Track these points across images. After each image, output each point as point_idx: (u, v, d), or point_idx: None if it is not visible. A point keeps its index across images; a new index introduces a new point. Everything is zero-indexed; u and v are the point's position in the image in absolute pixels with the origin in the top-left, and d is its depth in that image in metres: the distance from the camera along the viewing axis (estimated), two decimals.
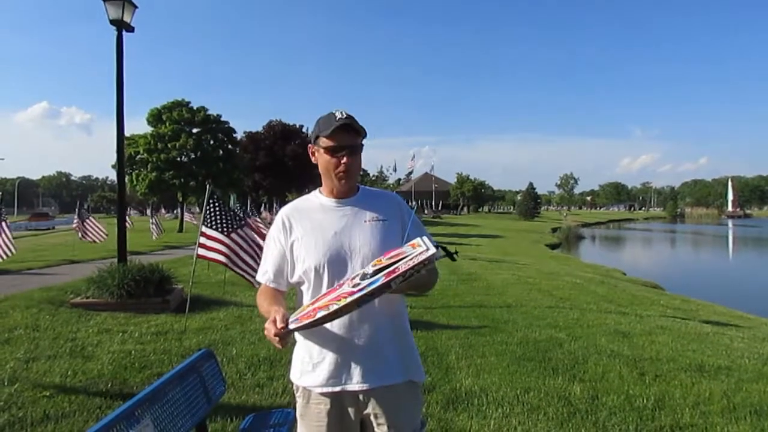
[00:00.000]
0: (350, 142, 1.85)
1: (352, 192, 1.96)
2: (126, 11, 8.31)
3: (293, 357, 1.96)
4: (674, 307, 10.44)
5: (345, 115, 1.83)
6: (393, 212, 1.95)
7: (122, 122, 8.63)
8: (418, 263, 1.58)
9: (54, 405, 4.02)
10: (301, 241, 1.88)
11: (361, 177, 41.04)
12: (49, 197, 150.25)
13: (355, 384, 1.82)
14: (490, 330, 6.75)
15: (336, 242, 1.85)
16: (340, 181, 1.88)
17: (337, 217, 1.90)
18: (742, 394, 4.48)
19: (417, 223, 1.94)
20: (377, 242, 1.85)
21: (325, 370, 1.83)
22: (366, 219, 1.90)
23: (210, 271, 11.47)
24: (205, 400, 2.55)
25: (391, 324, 1.88)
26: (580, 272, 17.46)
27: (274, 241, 1.95)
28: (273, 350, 5.60)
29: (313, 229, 1.88)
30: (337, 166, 1.86)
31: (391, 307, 1.88)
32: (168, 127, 34.81)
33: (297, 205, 2.00)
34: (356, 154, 1.88)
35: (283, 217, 1.95)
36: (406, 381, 1.88)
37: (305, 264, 1.85)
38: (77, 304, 7.69)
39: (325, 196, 1.96)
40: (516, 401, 4.22)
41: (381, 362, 1.84)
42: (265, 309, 1.87)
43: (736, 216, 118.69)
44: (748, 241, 48.98)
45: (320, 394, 1.85)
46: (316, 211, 1.93)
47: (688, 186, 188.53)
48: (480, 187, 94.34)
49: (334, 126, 1.82)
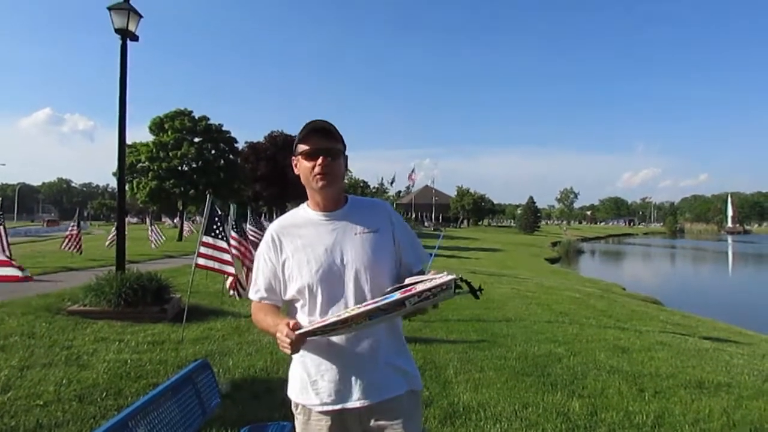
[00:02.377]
0: (326, 144, 1.82)
1: (339, 203, 1.91)
2: (131, 20, 8.38)
3: (290, 374, 1.92)
4: (674, 322, 10.40)
5: (321, 121, 1.83)
6: (383, 221, 1.91)
7: (124, 130, 8.65)
8: (436, 285, 1.54)
9: (47, 414, 3.98)
10: (292, 260, 1.84)
11: (361, 189, 41.33)
12: (50, 203, 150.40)
13: (355, 401, 1.78)
14: (488, 344, 6.71)
15: (328, 258, 1.81)
16: (318, 183, 1.82)
17: (327, 232, 1.85)
18: (742, 411, 4.45)
19: (408, 232, 1.93)
20: (369, 255, 1.82)
21: (324, 388, 1.79)
22: (356, 231, 1.85)
23: (208, 281, 11.44)
24: (200, 412, 2.53)
25: (389, 331, 1.85)
26: (580, 287, 17.42)
27: (264, 259, 1.90)
28: (270, 361, 5.56)
29: (304, 247, 1.84)
30: (314, 168, 1.82)
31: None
32: (170, 136, 34.93)
33: (285, 221, 1.95)
34: (334, 158, 1.83)
35: (272, 234, 1.90)
36: (407, 391, 1.85)
37: (298, 283, 1.82)
38: (74, 312, 7.65)
39: (312, 210, 1.91)
40: (514, 417, 4.18)
41: (381, 376, 1.80)
42: (268, 323, 1.84)
43: (735, 232, 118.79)
44: (747, 257, 48.92)
45: (319, 412, 1.81)
46: (304, 227, 1.88)
47: (687, 201, 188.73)
48: (480, 200, 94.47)
49: (309, 130, 1.82)
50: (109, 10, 8.35)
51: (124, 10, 8.29)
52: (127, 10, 8.31)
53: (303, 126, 1.85)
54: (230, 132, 38.40)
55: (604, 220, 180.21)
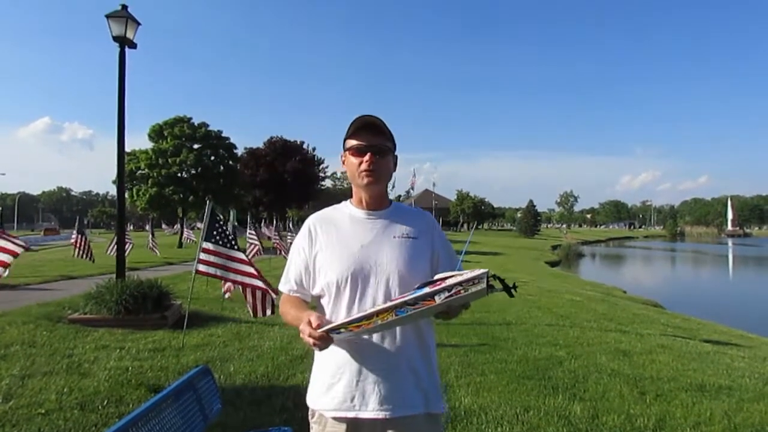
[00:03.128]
0: (375, 141, 1.76)
1: (384, 204, 1.86)
2: (129, 28, 8.42)
3: (311, 378, 1.85)
4: (675, 325, 10.39)
5: (371, 116, 1.77)
6: (425, 230, 1.85)
7: (123, 138, 8.68)
8: (467, 279, 1.46)
9: (49, 423, 3.97)
10: (325, 252, 1.79)
11: None
12: (49, 212, 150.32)
13: (370, 411, 1.69)
14: (489, 348, 6.71)
15: (362, 256, 1.74)
16: (363, 180, 1.77)
17: (366, 230, 1.80)
18: (743, 414, 4.44)
19: (447, 246, 1.86)
20: (405, 260, 1.74)
21: (339, 393, 1.72)
22: (396, 234, 1.79)
23: (209, 287, 11.43)
24: (201, 418, 2.53)
25: (418, 340, 1.76)
26: (581, 290, 17.41)
27: (298, 250, 1.85)
28: (271, 367, 5.56)
29: (339, 241, 1.79)
30: (360, 165, 1.76)
31: (417, 322, 1.75)
32: (169, 143, 34.95)
33: (325, 213, 1.90)
34: (382, 156, 1.78)
35: (309, 225, 1.86)
36: (425, 414, 1.74)
37: (327, 277, 1.75)
38: (75, 320, 7.65)
39: (355, 207, 1.86)
40: (515, 420, 4.18)
41: (401, 390, 1.71)
42: (293, 315, 1.76)
43: (735, 235, 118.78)
44: (748, 260, 48.87)
45: (334, 419, 1.74)
46: (344, 222, 1.83)
47: (687, 205, 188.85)
48: (480, 204, 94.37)
49: (358, 126, 1.76)
50: (107, 17, 8.39)
51: (122, 18, 8.34)
52: (125, 17, 8.36)
53: (352, 121, 1.79)
54: (230, 138, 38.44)
55: (604, 223, 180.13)
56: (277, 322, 8.40)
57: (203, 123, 36.95)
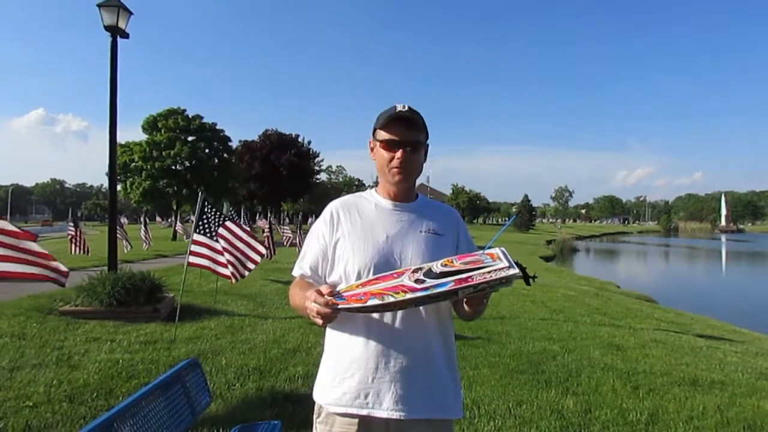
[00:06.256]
0: (408, 136, 1.69)
1: (411, 197, 1.80)
2: (121, 17, 8.32)
3: (320, 370, 1.74)
4: (668, 320, 10.43)
5: (406, 108, 1.69)
6: (451, 228, 1.79)
7: (115, 129, 8.59)
8: (495, 279, 1.40)
9: (37, 415, 3.92)
10: (347, 240, 1.70)
11: (356, 188, 41.41)
12: (43, 204, 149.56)
13: (384, 410, 1.59)
14: (483, 341, 6.70)
15: (387, 248, 1.67)
16: (394, 177, 1.71)
17: (392, 221, 1.73)
18: (735, 408, 4.45)
19: (471, 245, 1.80)
20: (430, 256, 1.66)
21: (352, 388, 1.62)
22: (422, 229, 1.73)
23: (202, 280, 11.37)
24: (189, 412, 2.49)
25: (441, 337, 1.70)
26: (575, 284, 17.44)
27: (318, 235, 1.76)
28: (263, 360, 5.52)
29: (363, 229, 1.71)
30: (391, 161, 1.70)
31: (440, 317, 1.70)
32: (163, 135, 34.77)
33: (350, 200, 1.82)
34: (415, 151, 1.71)
35: (332, 209, 1.78)
36: (442, 419, 1.67)
37: (348, 265, 1.67)
38: (66, 312, 7.58)
39: (382, 197, 1.79)
40: (508, 414, 4.17)
41: (419, 390, 1.62)
42: (300, 296, 1.67)
43: (729, 231, 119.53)
44: (741, 255, 49.18)
45: (344, 415, 1.63)
46: (369, 210, 1.76)
47: (682, 200, 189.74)
48: (475, 198, 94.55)
49: (392, 117, 1.68)
50: (98, 7, 8.28)
51: (114, 7, 8.23)
52: (117, 6, 8.25)
53: (384, 110, 1.72)
54: (224, 130, 38.32)
55: (599, 218, 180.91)
56: (270, 315, 8.37)
57: (197, 115, 36.81)
